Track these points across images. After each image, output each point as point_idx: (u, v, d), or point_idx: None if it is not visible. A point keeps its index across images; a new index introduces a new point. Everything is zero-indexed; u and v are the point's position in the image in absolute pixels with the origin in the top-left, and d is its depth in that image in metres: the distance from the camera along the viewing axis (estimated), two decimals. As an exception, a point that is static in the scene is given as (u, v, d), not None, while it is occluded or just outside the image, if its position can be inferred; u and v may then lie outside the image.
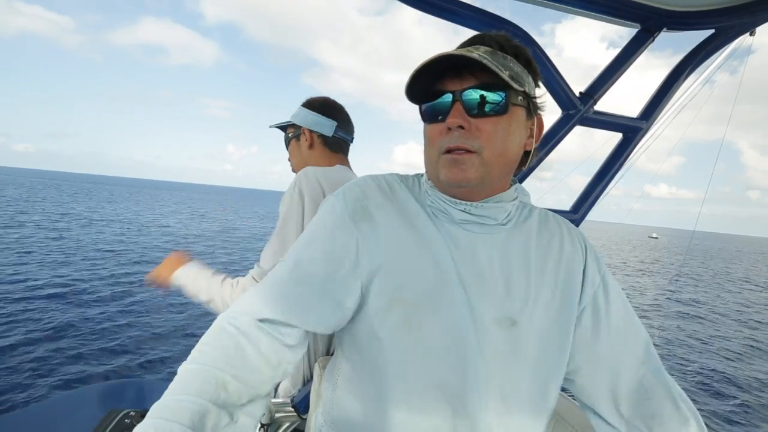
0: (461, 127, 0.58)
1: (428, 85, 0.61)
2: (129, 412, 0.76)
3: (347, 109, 1.28)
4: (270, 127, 1.32)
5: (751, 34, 1.29)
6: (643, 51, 1.22)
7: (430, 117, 0.62)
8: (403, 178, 0.71)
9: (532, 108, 0.63)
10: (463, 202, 0.62)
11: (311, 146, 1.22)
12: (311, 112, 1.21)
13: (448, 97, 0.59)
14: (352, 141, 1.29)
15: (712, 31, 1.23)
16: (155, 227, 22.56)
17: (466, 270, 0.60)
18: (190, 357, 0.53)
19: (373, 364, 0.62)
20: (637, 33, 1.22)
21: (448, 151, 0.59)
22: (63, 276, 9.77)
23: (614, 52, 1.28)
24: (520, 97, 0.60)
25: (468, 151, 0.58)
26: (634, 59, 1.22)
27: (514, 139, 0.61)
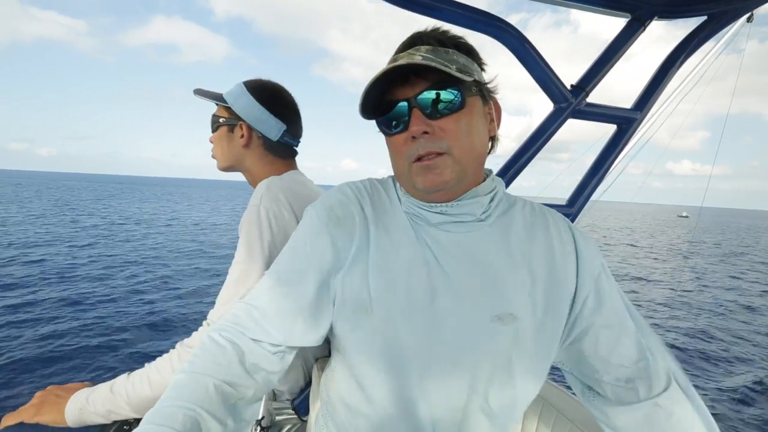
0: (426, 133, 0.57)
1: (377, 98, 0.60)
2: (128, 419, 0.77)
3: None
4: (195, 93, 1.01)
5: (749, 20, 1.27)
6: (635, 41, 1.20)
7: (388, 128, 0.62)
8: (382, 183, 0.71)
9: (486, 94, 0.63)
10: (439, 204, 0.62)
11: (246, 145, 0.97)
12: (254, 101, 0.95)
13: (403, 106, 0.58)
14: (297, 145, 1.04)
15: (705, 17, 1.22)
16: (206, 225, 23.29)
17: (451, 270, 0.61)
18: (181, 367, 0.55)
19: (366, 367, 0.63)
20: (628, 23, 1.21)
21: (419, 159, 0.58)
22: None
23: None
24: (473, 88, 0.60)
25: (438, 154, 0.58)
26: (626, 49, 1.21)
27: (478, 131, 0.61)
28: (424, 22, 0.65)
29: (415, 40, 0.61)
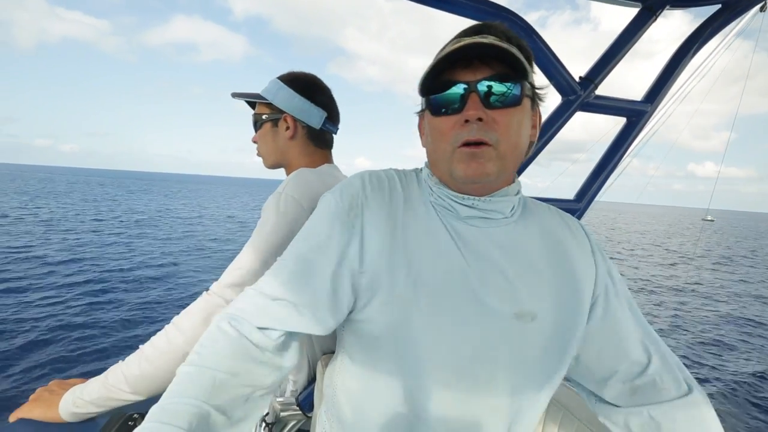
0: (480, 119, 0.56)
1: (437, 75, 0.58)
2: (133, 414, 0.77)
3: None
4: (234, 96, 1.03)
5: (762, 10, 1.23)
6: (646, 31, 1.17)
7: (439, 109, 0.59)
8: (402, 173, 0.69)
9: (535, 99, 0.62)
10: (471, 197, 0.61)
11: (293, 137, 0.98)
12: (296, 94, 0.96)
13: (459, 88, 0.57)
14: (336, 132, 1.07)
15: (719, 6, 1.18)
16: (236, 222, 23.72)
17: (475, 265, 0.59)
18: (188, 359, 0.53)
19: (373, 362, 0.62)
20: (639, 12, 1.18)
21: (465, 144, 0.57)
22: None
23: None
24: (528, 89, 0.59)
25: (486, 144, 0.56)
26: (636, 40, 1.18)
27: (525, 131, 0.60)
28: (442, 22, 0.65)
29: (481, 29, 0.60)
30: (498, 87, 0.56)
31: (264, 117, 1.00)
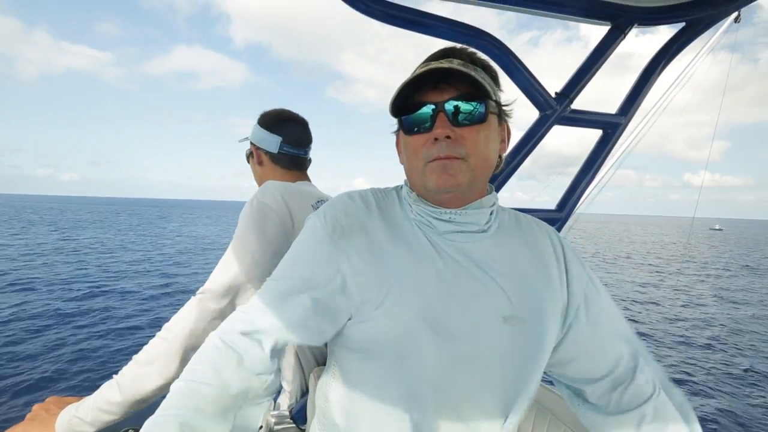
0: (448, 137, 0.60)
1: (407, 97, 0.63)
2: (128, 430, 0.78)
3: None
4: (239, 142, 1.27)
5: (736, 21, 1.31)
6: (616, 48, 1.24)
7: (411, 128, 0.64)
8: (383, 192, 0.72)
9: (502, 116, 0.67)
10: (448, 210, 0.64)
11: (260, 163, 1.18)
12: (259, 128, 1.16)
13: (428, 109, 0.61)
14: (305, 155, 1.20)
15: (683, 24, 1.25)
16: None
17: (458, 278, 0.62)
18: (181, 375, 0.56)
19: (364, 375, 0.63)
20: (609, 30, 1.25)
21: (436, 159, 0.60)
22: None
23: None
24: (494, 107, 0.63)
25: (456, 158, 0.60)
26: (607, 57, 1.24)
27: (493, 146, 0.64)
28: (437, 45, 0.69)
29: (447, 53, 0.65)
30: (464, 106, 0.60)
31: (246, 152, 1.23)
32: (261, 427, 0.96)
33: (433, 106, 0.60)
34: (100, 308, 9.10)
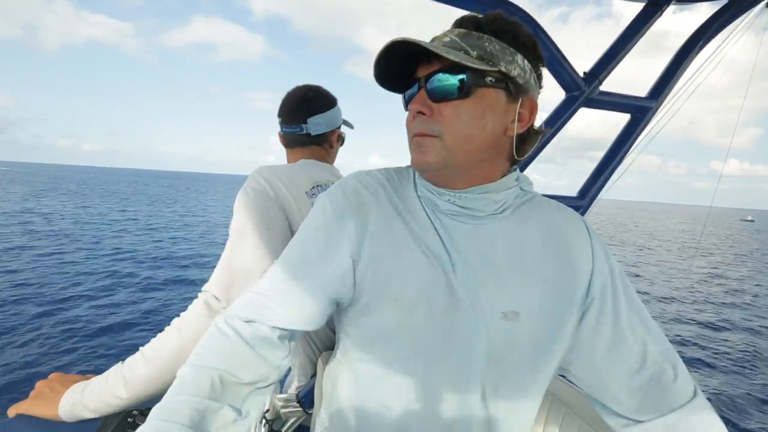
0: (421, 113, 0.58)
1: (410, 73, 0.61)
2: (132, 411, 0.77)
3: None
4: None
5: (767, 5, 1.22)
6: (651, 26, 1.16)
7: (406, 104, 0.63)
8: (397, 171, 0.69)
9: (512, 89, 0.57)
10: (447, 191, 0.61)
11: (285, 145, 1.21)
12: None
13: (417, 84, 0.60)
14: (300, 131, 1.14)
15: (725, 2, 1.17)
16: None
17: (463, 262, 0.59)
18: (187, 360, 0.55)
19: (370, 360, 0.62)
20: (644, 7, 1.17)
21: (414, 136, 0.60)
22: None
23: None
24: (489, 78, 0.56)
25: (429, 136, 0.57)
26: (641, 35, 1.16)
27: (483, 123, 0.57)
28: (461, 13, 0.63)
29: (456, 22, 0.60)
30: (441, 80, 0.56)
31: None
32: (268, 410, 0.95)
33: (419, 82, 0.59)
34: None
